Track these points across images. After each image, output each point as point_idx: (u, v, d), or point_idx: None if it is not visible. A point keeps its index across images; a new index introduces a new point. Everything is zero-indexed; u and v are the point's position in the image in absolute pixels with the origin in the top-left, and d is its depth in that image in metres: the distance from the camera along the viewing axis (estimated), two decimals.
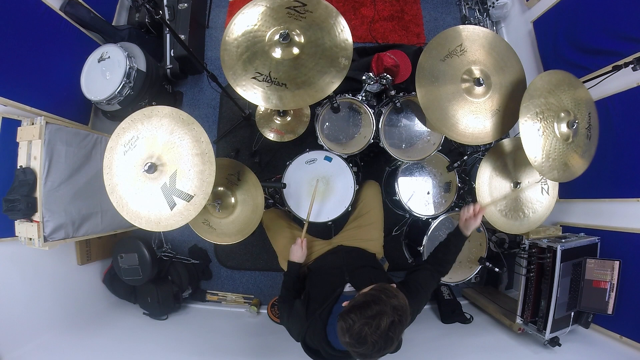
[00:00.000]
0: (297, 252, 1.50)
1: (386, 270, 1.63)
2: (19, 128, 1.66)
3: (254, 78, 1.37)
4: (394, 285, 1.05)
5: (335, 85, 1.36)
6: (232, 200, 1.62)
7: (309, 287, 1.35)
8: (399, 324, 0.91)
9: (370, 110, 1.82)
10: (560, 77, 1.43)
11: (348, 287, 1.27)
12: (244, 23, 1.40)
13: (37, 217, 1.61)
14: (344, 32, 1.37)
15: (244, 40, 1.39)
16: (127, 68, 1.95)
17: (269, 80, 1.37)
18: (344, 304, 1.01)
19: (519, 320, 1.82)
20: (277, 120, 2.04)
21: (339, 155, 1.79)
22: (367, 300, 0.94)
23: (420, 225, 2.01)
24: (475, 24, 2.65)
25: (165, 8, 2.38)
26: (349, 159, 1.86)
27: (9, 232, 1.64)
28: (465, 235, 1.38)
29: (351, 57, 1.36)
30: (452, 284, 2.00)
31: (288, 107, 1.47)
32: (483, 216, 1.62)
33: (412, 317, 1.17)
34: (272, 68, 1.37)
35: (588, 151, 1.49)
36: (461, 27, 1.47)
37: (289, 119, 2.03)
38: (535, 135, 1.36)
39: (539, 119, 1.36)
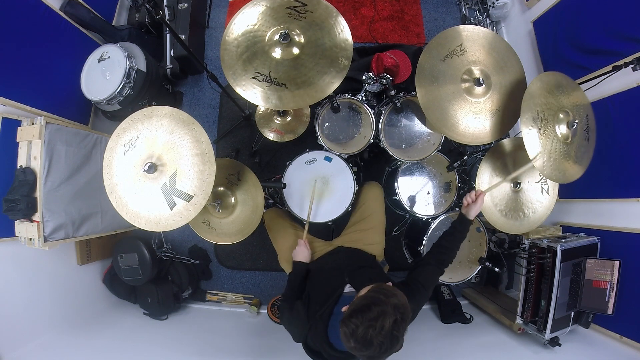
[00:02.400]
0: (303, 252, 1.51)
1: (386, 272, 1.63)
2: (19, 128, 1.66)
3: (254, 78, 1.37)
4: (391, 284, 1.05)
5: (335, 85, 1.36)
6: (232, 200, 1.62)
7: (309, 288, 1.35)
8: (402, 322, 0.92)
9: (370, 110, 1.82)
10: (558, 79, 1.43)
11: (348, 288, 1.27)
12: (244, 23, 1.40)
13: (37, 217, 1.61)
14: (344, 32, 1.37)
15: (244, 40, 1.39)
16: (127, 68, 1.94)
17: (269, 80, 1.37)
18: (343, 309, 1.01)
19: (519, 320, 1.82)
20: (277, 120, 2.04)
21: (339, 155, 1.79)
22: (367, 302, 0.93)
23: (420, 225, 2.01)
24: (475, 24, 2.64)
25: (165, 8, 2.38)
26: (349, 159, 1.86)
27: (9, 232, 1.64)
28: (469, 219, 1.39)
29: (351, 57, 1.36)
30: (452, 284, 1.99)
31: (288, 107, 1.48)
32: (484, 216, 1.64)
33: (413, 314, 1.17)
34: (272, 68, 1.37)
35: (587, 153, 1.49)
36: (461, 27, 1.47)
37: (289, 119, 2.03)
38: (536, 135, 1.35)
39: (540, 117, 1.36)
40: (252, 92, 1.37)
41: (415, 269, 1.31)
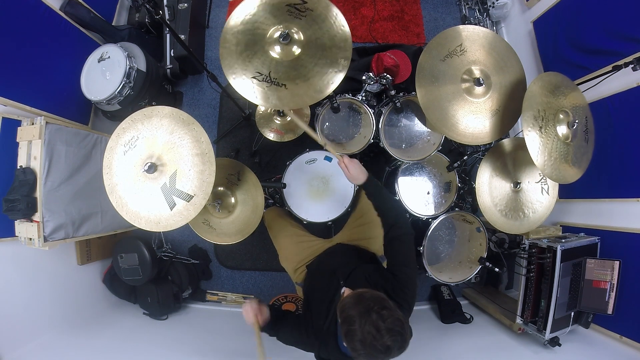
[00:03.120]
0: (248, 314, 1.35)
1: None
2: (19, 128, 1.66)
3: (254, 78, 1.37)
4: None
5: (335, 85, 1.36)
6: (232, 200, 1.62)
7: (308, 296, 1.32)
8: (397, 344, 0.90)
9: (370, 110, 1.82)
10: (559, 79, 1.43)
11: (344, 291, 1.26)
12: (242, 13, 1.38)
13: (37, 217, 1.61)
14: (344, 31, 1.36)
15: (243, 36, 1.37)
16: (127, 68, 1.94)
17: (269, 80, 1.37)
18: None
19: (519, 320, 1.82)
20: (277, 120, 2.04)
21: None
22: (349, 329, 0.93)
23: (420, 226, 2.01)
24: (475, 24, 2.64)
25: (165, 8, 2.38)
26: None
27: (9, 232, 1.63)
28: (361, 183, 1.30)
29: (351, 57, 1.36)
30: (452, 284, 1.99)
31: (288, 107, 1.47)
32: (484, 216, 1.64)
33: (413, 289, 1.14)
34: (272, 68, 1.37)
35: (586, 154, 1.50)
36: (461, 27, 1.47)
37: (289, 118, 2.03)
38: (537, 134, 1.35)
39: (541, 117, 1.36)
40: (252, 92, 1.37)
41: (388, 254, 1.26)
